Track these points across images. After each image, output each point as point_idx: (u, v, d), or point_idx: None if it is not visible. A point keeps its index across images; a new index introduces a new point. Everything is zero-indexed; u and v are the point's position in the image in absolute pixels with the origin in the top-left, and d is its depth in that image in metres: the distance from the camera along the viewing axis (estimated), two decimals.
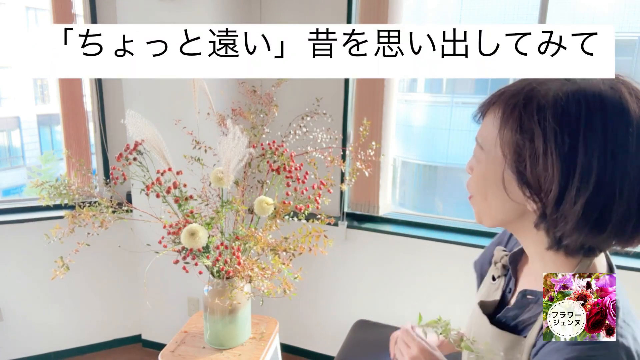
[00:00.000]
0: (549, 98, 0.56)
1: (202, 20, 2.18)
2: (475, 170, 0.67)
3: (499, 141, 0.60)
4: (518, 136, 0.57)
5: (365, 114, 2.31)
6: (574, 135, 0.54)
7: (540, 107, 0.56)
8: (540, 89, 0.57)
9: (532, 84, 0.58)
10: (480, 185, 0.66)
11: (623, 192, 0.53)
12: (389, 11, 2.19)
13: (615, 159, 0.53)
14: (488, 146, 0.63)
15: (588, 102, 0.54)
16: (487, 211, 0.67)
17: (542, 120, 0.55)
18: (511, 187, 0.61)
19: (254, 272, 1.35)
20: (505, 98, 0.60)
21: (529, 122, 0.56)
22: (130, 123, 1.32)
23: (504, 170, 0.61)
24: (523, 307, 0.70)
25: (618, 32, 5.68)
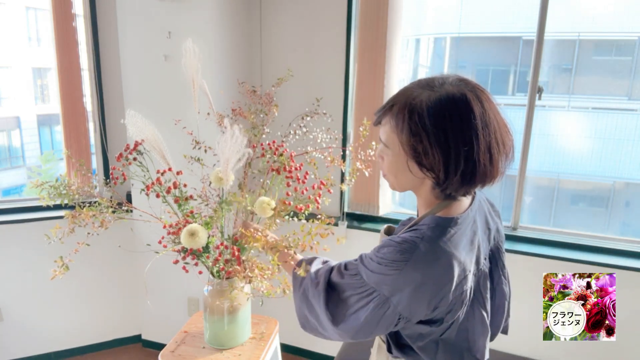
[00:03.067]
0: (423, 107, 0.83)
1: (202, 20, 2.18)
2: (386, 160, 0.93)
3: (399, 143, 0.88)
4: (412, 139, 0.85)
5: (365, 114, 2.31)
6: (445, 130, 0.82)
7: (420, 116, 0.83)
8: (415, 102, 0.84)
9: (409, 98, 0.85)
10: (391, 169, 0.93)
11: (479, 159, 0.83)
12: (389, 12, 2.19)
13: (472, 140, 0.82)
14: (392, 145, 0.90)
15: (448, 105, 0.82)
16: (399, 184, 0.95)
17: (423, 125, 0.83)
18: (414, 170, 0.90)
19: (254, 273, 1.35)
20: (395, 111, 0.87)
21: (416, 128, 0.84)
22: (130, 123, 1.32)
23: (407, 160, 0.89)
24: (401, 228, 1.03)
25: (618, 32, 5.68)
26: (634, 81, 5.30)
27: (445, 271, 0.85)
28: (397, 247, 0.87)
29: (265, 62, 2.49)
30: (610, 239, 2.18)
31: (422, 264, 0.85)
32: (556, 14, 2.16)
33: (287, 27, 2.41)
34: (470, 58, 5.92)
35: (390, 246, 0.88)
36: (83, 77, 2.49)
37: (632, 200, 5.77)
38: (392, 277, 0.86)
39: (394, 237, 0.90)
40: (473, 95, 0.83)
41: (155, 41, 2.22)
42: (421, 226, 0.90)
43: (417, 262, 0.85)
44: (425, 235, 0.87)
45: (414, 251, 0.85)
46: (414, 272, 0.84)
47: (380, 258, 0.89)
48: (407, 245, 0.86)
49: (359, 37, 2.29)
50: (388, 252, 0.88)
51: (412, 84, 0.88)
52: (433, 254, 0.85)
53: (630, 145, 5.56)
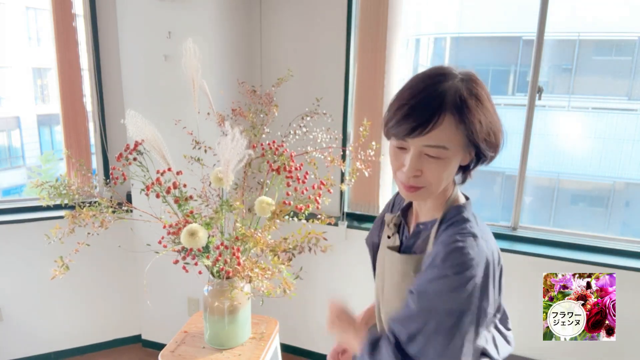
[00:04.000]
0: (466, 93, 0.82)
1: (202, 20, 2.18)
2: (437, 166, 0.85)
3: (460, 133, 0.82)
4: (472, 120, 0.82)
5: (365, 114, 2.31)
6: (488, 107, 0.84)
7: (468, 97, 0.82)
8: (464, 90, 0.83)
9: (455, 90, 0.82)
10: (446, 171, 0.86)
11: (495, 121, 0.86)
12: (389, 11, 2.19)
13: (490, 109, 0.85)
14: (454, 143, 0.83)
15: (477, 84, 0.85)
16: (437, 189, 0.88)
17: (477, 107, 0.83)
18: (465, 157, 0.87)
19: (254, 273, 1.35)
20: (448, 107, 0.81)
21: (474, 112, 0.82)
22: (130, 123, 1.32)
23: (464, 148, 0.85)
24: (417, 234, 0.96)
25: (618, 32, 5.67)
26: (634, 81, 5.30)
27: (495, 248, 0.87)
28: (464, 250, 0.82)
29: (265, 62, 2.49)
30: (610, 239, 2.18)
31: (482, 253, 0.83)
32: (556, 14, 2.16)
33: (287, 27, 2.41)
34: (470, 58, 5.92)
35: (453, 250, 0.82)
36: (83, 77, 2.49)
37: (632, 200, 5.77)
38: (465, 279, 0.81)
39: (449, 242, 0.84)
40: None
41: (155, 41, 2.22)
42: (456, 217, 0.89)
43: (480, 254, 0.82)
44: (474, 229, 0.86)
45: (474, 247, 0.82)
46: (480, 265, 0.81)
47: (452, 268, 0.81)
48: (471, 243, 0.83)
49: (359, 37, 2.29)
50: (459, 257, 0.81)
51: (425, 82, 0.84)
52: (485, 242, 0.85)
53: (630, 145, 5.56)
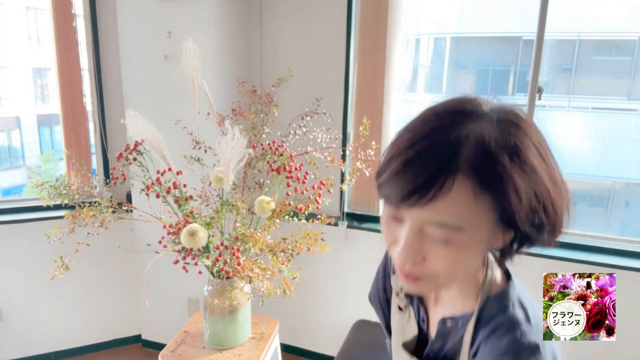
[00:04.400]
0: (495, 144, 0.51)
1: (202, 20, 2.18)
2: (444, 254, 0.55)
3: (484, 206, 0.53)
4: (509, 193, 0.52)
5: (365, 114, 2.31)
6: (535, 165, 0.53)
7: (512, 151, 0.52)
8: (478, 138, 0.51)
9: (466, 135, 0.52)
10: (455, 265, 0.57)
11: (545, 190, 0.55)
12: (389, 11, 2.19)
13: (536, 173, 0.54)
14: (469, 222, 0.53)
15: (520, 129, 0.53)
16: (448, 282, 0.62)
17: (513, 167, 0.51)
18: (496, 239, 0.58)
19: (254, 273, 1.35)
20: (462, 165, 0.51)
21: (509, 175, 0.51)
22: (130, 123, 1.32)
23: (491, 226, 0.55)
24: (446, 336, 0.69)
25: (618, 32, 5.67)
26: (634, 81, 5.30)
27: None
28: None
29: (265, 62, 2.49)
30: (610, 239, 2.18)
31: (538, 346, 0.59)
32: (556, 14, 2.16)
33: (287, 27, 2.41)
34: (470, 58, 5.92)
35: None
36: (83, 77, 2.49)
37: (632, 200, 5.77)
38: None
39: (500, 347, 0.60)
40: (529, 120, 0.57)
41: (155, 41, 2.22)
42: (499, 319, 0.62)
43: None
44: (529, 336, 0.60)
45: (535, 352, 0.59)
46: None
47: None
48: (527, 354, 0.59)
49: (359, 37, 2.29)
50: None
51: (432, 123, 0.55)
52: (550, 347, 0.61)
53: (630, 145, 5.56)
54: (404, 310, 0.77)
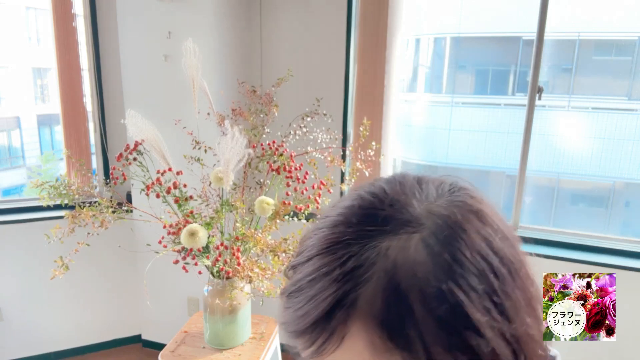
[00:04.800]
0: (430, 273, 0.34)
1: (201, 20, 2.18)
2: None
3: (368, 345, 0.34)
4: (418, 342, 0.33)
5: (365, 114, 2.31)
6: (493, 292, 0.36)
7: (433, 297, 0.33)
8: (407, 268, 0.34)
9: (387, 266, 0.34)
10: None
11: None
12: (389, 12, 2.19)
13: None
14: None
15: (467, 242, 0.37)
16: None
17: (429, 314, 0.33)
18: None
19: (254, 273, 1.35)
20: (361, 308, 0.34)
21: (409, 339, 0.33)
22: (130, 123, 1.33)
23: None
24: None
25: (618, 32, 5.67)
26: (634, 81, 5.31)
27: None
28: None
29: (265, 62, 2.49)
30: (610, 239, 2.18)
31: None
32: (556, 14, 2.16)
33: (287, 27, 2.41)
34: (470, 58, 5.93)
35: None
36: (83, 77, 2.49)
37: (632, 200, 5.78)
38: None
39: None
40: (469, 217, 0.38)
41: (155, 41, 2.22)
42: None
43: None
44: None
45: None
46: None
47: None
48: None
49: (359, 37, 2.29)
50: None
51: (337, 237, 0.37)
52: None
53: (630, 145, 5.57)
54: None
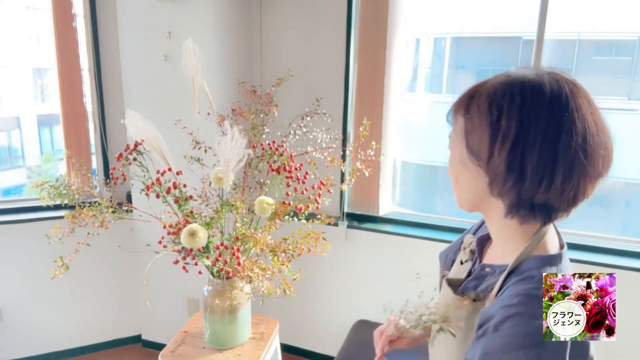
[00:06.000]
0: (486, 89, 0.71)
1: (202, 20, 2.18)
2: (450, 157, 0.79)
3: (458, 129, 0.75)
4: (466, 119, 0.73)
5: (365, 114, 2.31)
6: (499, 108, 0.68)
7: (478, 96, 0.72)
8: (483, 87, 0.73)
9: (480, 83, 0.74)
10: (451, 170, 0.79)
11: (534, 148, 0.66)
12: (389, 12, 2.19)
13: (529, 125, 0.66)
14: (453, 135, 0.77)
15: (512, 85, 0.69)
16: (460, 193, 0.79)
17: (476, 103, 0.71)
18: (468, 164, 0.74)
19: (254, 273, 1.35)
20: (460, 101, 0.75)
21: (472, 107, 0.72)
22: (130, 123, 1.33)
23: (462, 150, 0.74)
24: (481, 278, 0.80)
25: (618, 32, 5.67)
26: (634, 81, 5.30)
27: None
28: (526, 317, 0.65)
29: (265, 62, 2.49)
30: (610, 239, 2.18)
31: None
32: (556, 14, 2.16)
33: (287, 27, 2.41)
34: (470, 58, 5.92)
35: (513, 317, 0.65)
36: (83, 77, 2.49)
37: (632, 200, 5.78)
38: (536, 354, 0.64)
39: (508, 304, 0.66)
40: (555, 80, 0.69)
41: (155, 41, 2.22)
42: (531, 272, 0.70)
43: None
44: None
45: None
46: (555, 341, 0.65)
47: (508, 338, 0.64)
48: (537, 305, 0.65)
49: (359, 37, 2.29)
50: (517, 326, 0.64)
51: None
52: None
53: (630, 145, 5.56)
54: (464, 263, 0.91)
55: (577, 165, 0.66)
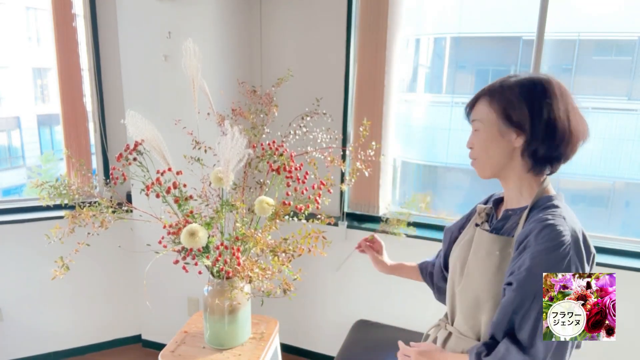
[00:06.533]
0: (511, 83, 1.01)
1: (201, 20, 2.18)
2: (478, 138, 1.05)
3: (492, 111, 1.02)
4: (504, 103, 1.00)
5: (365, 114, 2.31)
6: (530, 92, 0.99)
7: (510, 87, 1.01)
8: (506, 82, 1.02)
9: (500, 81, 1.03)
10: (483, 145, 1.04)
11: (559, 118, 0.97)
12: (389, 12, 2.19)
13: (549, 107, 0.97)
14: (485, 118, 1.03)
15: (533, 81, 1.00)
16: (489, 162, 1.04)
17: (512, 91, 1.00)
18: (505, 134, 1.00)
19: (254, 273, 1.35)
20: (487, 92, 1.04)
21: (507, 93, 1.01)
22: (130, 123, 1.32)
23: (498, 126, 1.01)
24: (507, 219, 1.06)
25: (618, 32, 5.67)
26: (634, 81, 5.30)
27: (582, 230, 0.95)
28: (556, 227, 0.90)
29: (265, 62, 2.49)
30: (610, 239, 2.18)
31: (571, 231, 0.91)
32: (556, 14, 2.16)
33: (287, 27, 2.41)
34: (470, 58, 5.92)
35: (548, 227, 0.90)
36: (83, 77, 2.49)
37: (632, 200, 5.77)
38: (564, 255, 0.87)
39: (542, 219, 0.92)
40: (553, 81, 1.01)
41: (155, 41, 2.22)
42: (547, 204, 0.97)
43: (570, 232, 0.90)
44: (563, 214, 0.94)
45: (564, 225, 0.91)
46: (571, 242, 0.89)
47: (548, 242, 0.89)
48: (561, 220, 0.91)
49: (359, 37, 2.29)
50: (552, 232, 0.89)
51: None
52: (574, 225, 0.94)
53: (630, 145, 5.56)
54: (480, 225, 1.12)
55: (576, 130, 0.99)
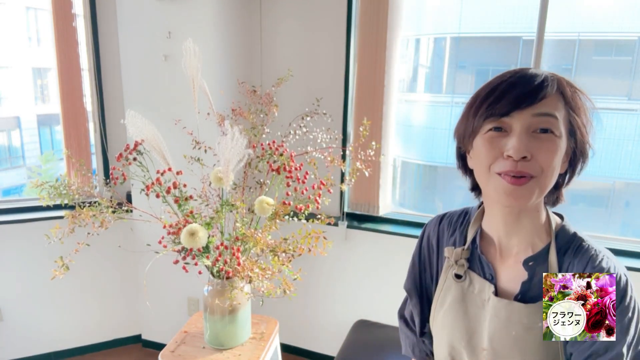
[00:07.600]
0: (574, 84, 0.77)
1: (202, 20, 2.18)
2: (549, 144, 0.73)
3: (565, 114, 0.75)
4: (580, 118, 0.76)
5: (365, 114, 2.31)
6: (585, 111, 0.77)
7: (577, 92, 0.77)
8: (557, 76, 0.76)
9: (547, 74, 0.75)
10: (553, 158, 0.74)
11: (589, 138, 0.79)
12: (389, 12, 2.19)
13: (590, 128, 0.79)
14: (560, 116, 0.74)
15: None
16: (547, 185, 0.76)
17: (582, 100, 0.77)
18: (566, 156, 0.78)
19: (254, 273, 1.35)
20: (558, 82, 0.75)
21: (578, 99, 0.76)
22: (130, 123, 1.32)
23: (566, 143, 0.76)
24: (533, 273, 0.81)
25: (618, 32, 5.68)
26: (634, 81, 5.30)
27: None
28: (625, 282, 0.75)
29: (265, 62, 2.49)
30: (610, 239, 2.18)
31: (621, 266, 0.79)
32: (556, 14, 2.16)
33: (287, 27, 2.41)
34: (470, 58, 5.92)
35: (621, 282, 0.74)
36: (83, 77, 2.49)
37: (632, 200, 5.77)
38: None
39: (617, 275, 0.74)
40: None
41: (155, 41, 2.22)
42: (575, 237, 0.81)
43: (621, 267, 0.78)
44: (597, 246, 0.80)
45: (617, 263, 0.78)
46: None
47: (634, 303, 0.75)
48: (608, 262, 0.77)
49: (359, 37, 2.29)
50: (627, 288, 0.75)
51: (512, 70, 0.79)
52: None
53: (630, 145, 5.56)
54: (464, 276, 0.87)
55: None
